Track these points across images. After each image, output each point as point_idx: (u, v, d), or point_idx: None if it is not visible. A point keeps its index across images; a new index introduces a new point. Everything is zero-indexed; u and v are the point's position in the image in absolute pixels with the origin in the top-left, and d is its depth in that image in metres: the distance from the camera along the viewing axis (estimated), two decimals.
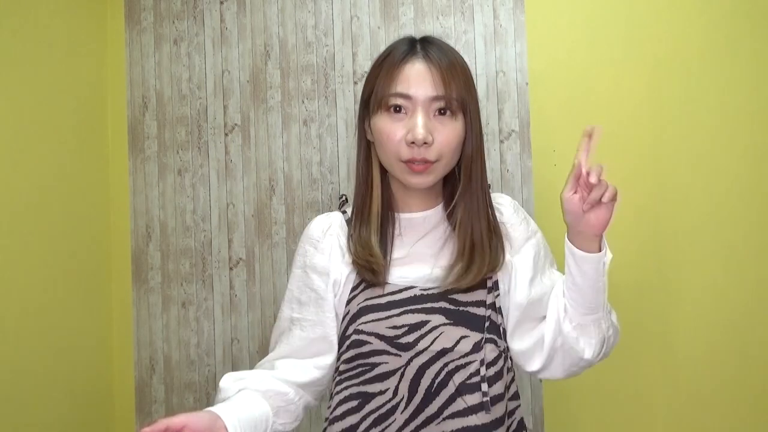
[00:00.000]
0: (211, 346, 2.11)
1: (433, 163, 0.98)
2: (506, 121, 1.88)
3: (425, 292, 1.00)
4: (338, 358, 1.03)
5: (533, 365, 1.06)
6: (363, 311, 0.99)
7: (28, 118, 1.86)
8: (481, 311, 1.00)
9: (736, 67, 1.71)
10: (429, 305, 0.98)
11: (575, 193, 0.94)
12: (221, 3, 2.13)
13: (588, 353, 1.01)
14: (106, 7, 2.21)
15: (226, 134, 2.11)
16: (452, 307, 0.99)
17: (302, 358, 1.04)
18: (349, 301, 1.02)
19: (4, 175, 1.77)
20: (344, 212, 1.08)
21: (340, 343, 1.03)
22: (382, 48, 2.08)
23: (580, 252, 0.97)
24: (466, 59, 2.00)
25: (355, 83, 1.99)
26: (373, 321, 0.98)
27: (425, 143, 0.95)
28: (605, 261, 0.98)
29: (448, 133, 0.98)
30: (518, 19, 1.87)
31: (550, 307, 1.04)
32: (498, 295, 1.04)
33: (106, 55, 2.21)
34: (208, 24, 2.14)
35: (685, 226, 1.73)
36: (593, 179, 0.88)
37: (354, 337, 0.99)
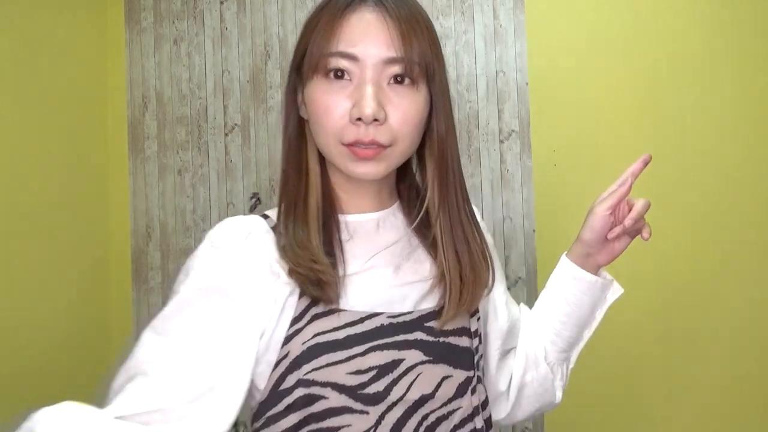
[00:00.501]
0: None
1: (385, 147, 0.70)
2: (506, 121, 1.88)
3: (395, 320, 0.73)
4: (268, 423, 0.71)
5: (500, 411, 0.89)
6: (313, 352, 0.69)
7: (28, 118, 1.86)
8: (464, 342, 0.77)
9: (736, 67, 1.71)
10: (401, 338, 0.72)
11: (611, 213, 0.82)
12: (221, 3, 2.13)
13: (559, 396, 0.89)
14: (106, 7, 2.21)
15: (226, 134, 2.11)
16: (430, 338, 0.74)
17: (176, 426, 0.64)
18: (288, 340, 0.69)
19: (4, 175, 1.77)
20: (266, 216, 0.77)
21: (272, 401, 0.70)
22: None
23: (594, 278, 0.84)
24: (466, 59, 2.04)
25: None
26: (328, 366, 0.68)
27: (375, 121, 0.68)
28: (607, 295, 0.87)
29: (406, 107, 0.71)
30: (518, 19, 1.87)
31: (526, 341, 0.88)
32: (479, 318, 0.82)
33: (106, 55, 2.21)
34: (208, 24, 2.14)
35: (682, 226, 1.74)
36: (628, 223, 0.80)
37: (300, 391, 0.68)
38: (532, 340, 0.88)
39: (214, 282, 0.69)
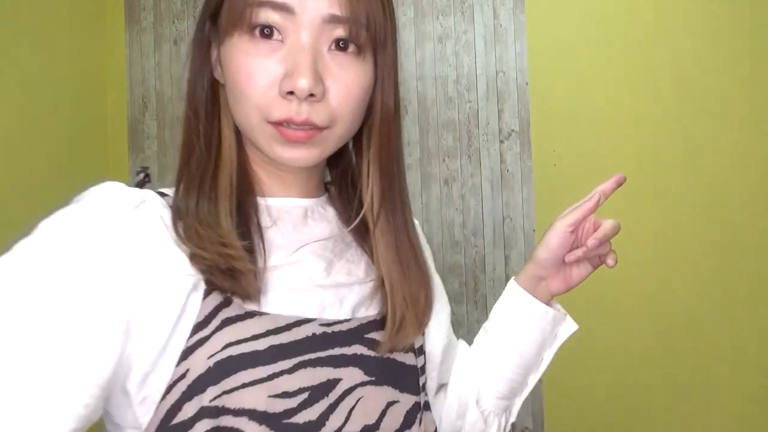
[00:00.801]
0: None
1: (321, 129, 0.55)
2: (506, 121, 1.88)
3: (330, 329, 0.58)
4: None
5: None
6: (223, 369, 0.51)
7: (28, 118, 1.86)
8: (410, 359, 0.63)
9: (734, 67, 1.71)
10: (338, 351, 0.57)
11: (573, 232, 0.70)
12: None
13: None
14: (106, 7, 2.21)
15: None
16: (372, 353, 0.60)
17: None
18: (187, 353, 0.50)
19: (3, 176, 1.77)
20: (163, 194, 0.61)
21: None
22: None
23: (545, 308, 0.71)
24: (467, 59, 2.04)
25: None
26: (244, 386, 0.51)
27: (311, 96, 0.54)
28: (558, 332, 0.73)
29: (349, 81, 0.56)
30: (518, 19, 1.87)
31: (460, 380, 0.74)
32: (423, 333, 0.68)
33: (106, 55, 2.21)
34: None
35: (683, 223, 1.74)
36: (591, 243, 0.67)
37: (205, 424, 0.50)
38: (467, 380, 0.74)
39: (69, 253, 0.47)
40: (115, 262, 0.49)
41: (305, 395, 0.54)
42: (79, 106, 2.08)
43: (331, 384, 0.56)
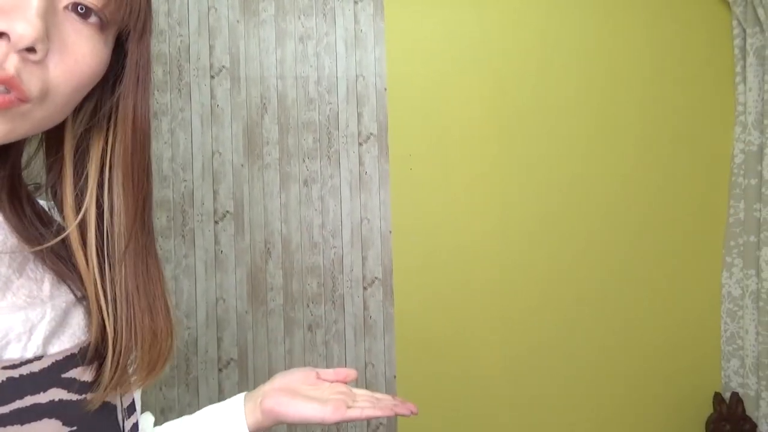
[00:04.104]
0: None
1: (26, 101, 0.40)
2: (365, 125, 1.91)
3: (16, 373, 0.44)
4: None
5: None
6: None
7: None
8: (113, 396, 0.52)
9: (576, 73, 1.91)
10: (29, 401, 0.44)
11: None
12: None
13: None
14: None
15: None
16: (73, 395, 0.47)
17: None
18: None
19: None
20: None
21: None
22: (242, 43, 2.06)
23: None
24: (328, 61, 2.05)
25: (212, 77, 1.91)
26: None
27: (30, 51, 0.39)
28: None
29: (82, 56, 0.43)
30: (378, 25, 1.92)
31: None
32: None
33: None
34: None
35: (525, 222, 1.90)
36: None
37: None
38: None
39: None
40: None
41: None
42: None
43: None
